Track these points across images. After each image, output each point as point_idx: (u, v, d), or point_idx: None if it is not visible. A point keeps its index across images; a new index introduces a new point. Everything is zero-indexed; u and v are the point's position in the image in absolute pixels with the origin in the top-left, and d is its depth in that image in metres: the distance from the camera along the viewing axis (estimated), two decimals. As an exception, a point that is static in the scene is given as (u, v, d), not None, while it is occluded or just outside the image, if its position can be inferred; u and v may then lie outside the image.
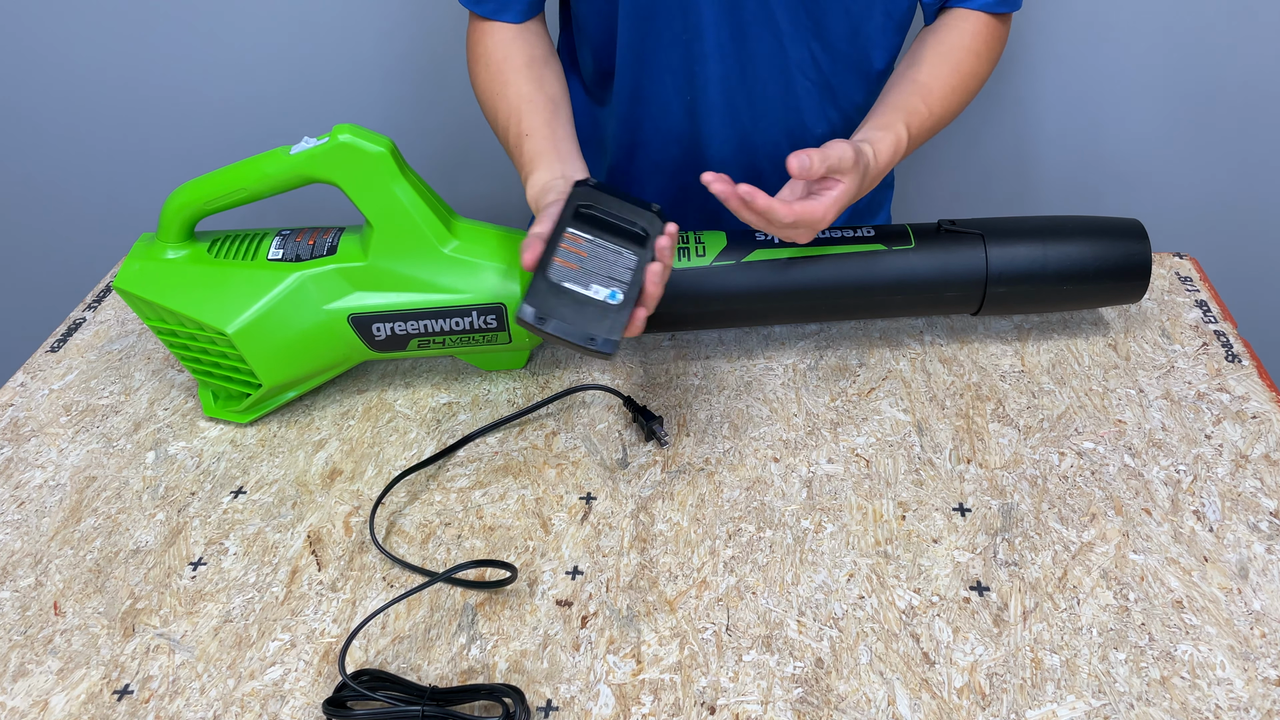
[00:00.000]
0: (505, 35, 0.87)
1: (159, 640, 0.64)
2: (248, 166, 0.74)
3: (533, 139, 0.80)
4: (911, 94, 0.81)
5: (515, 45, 0.87)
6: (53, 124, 1.33)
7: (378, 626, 0.64)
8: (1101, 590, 0.64)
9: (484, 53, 0.88)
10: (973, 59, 0.85)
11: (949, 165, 1.31)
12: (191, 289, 0.76)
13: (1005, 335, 0.86)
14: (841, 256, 0.79)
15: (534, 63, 0.86)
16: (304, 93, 1.28)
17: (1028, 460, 0.74)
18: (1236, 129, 1.23)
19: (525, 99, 0.83)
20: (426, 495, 0.74)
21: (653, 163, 0.96)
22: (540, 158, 0.79)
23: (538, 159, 0.79)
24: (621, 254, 0.67)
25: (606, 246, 0.67)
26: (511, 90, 0.84)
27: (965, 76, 0.84)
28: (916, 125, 0.80)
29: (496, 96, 0.85)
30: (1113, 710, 0.57)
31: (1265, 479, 0.71)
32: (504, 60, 0.86)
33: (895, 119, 0.79)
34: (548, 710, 0.59)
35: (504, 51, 0.87)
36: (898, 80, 0.84)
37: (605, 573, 0.67)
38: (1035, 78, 1.22)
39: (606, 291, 0.65)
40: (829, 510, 0.70)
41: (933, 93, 0.82)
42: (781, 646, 0.61)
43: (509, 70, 0.85)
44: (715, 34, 0.85)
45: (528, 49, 0.87)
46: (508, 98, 0.84)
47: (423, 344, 0.79)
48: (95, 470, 0.77)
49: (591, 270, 0.66)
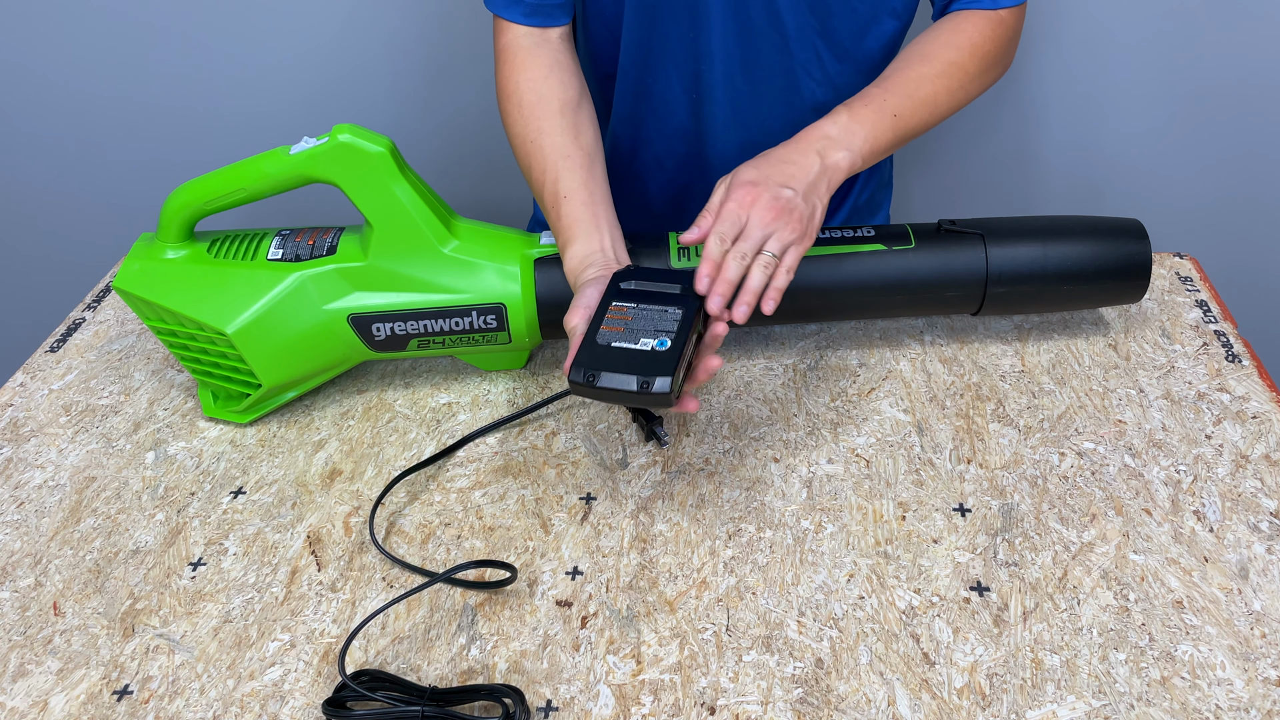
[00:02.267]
0: (539, 73, 0.84)
1: (159, 640, 0.64)
2: (248, 166, 0.74)
3: (570, 203, 0.78)
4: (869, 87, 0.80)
5: (549, 85, 0.83)
6: (52, 124, 1.33)
7: (377, 627, 0.64)
8: (1102, 590, 0.64)
9: (515, 89, 0.84)
10: (950, 50, 0.82)
11: (949, 165, 1.31)
12: (191, 289, 0.76)
13: (1005, 335, 0.86)
14: (841, 256, 0.79)
15: (568, 108, 0.83)
16: (304, 93, 1.28)
17: (1028, 460, 0.74)
18: (1236, 129, 1.23)
19: (562, 155, 0.80)
20: (426, 495, 0.74)
21: (656, 160, 0.96)
22: (578, 226, 0.76)
23: (575, 228, 0.76)
24: (666, 311, 0.66)
25: (650, 309, 0.67)
26: (546, 141, 0.81)
27: (939, 64, 0.81)
28: (861, 100, 0.78)
29: (530, 144, 0.82)
30: (1113, 710, 0.57)
31: (1265, 479, 0.71)
32: (537, 104, 0.83)
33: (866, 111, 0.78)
34: (548, 710, 0.59)
35: (537, 93, 0.83)
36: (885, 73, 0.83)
37: (605, 573, 0.67)
38: (1036, 77, 1.22)
39: (654, 341, 0.64)
40: (829, 510, 0.70)
41: (889, 76, 0.80)
42: (781, 647, 0.61)
43: (543, 117, 0.82)
44: (721, 32, 0.85)
45: (562, 91, 0.83)
46: (543, 149, 0.81)
47: (423, 344, 0.79)
48: (95, 470, 0.77)
49: (637, 329, 0.65)
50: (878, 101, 0.78)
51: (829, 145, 0.74)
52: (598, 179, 0.81)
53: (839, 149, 0.74)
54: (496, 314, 0.78)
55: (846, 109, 0.77)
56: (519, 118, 0.83)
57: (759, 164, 0.73)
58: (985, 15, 0.84)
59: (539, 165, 0.81)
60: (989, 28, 0.84)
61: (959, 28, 0.83)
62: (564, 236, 0.77)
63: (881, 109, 0.77)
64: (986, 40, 0.83)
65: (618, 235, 0.78)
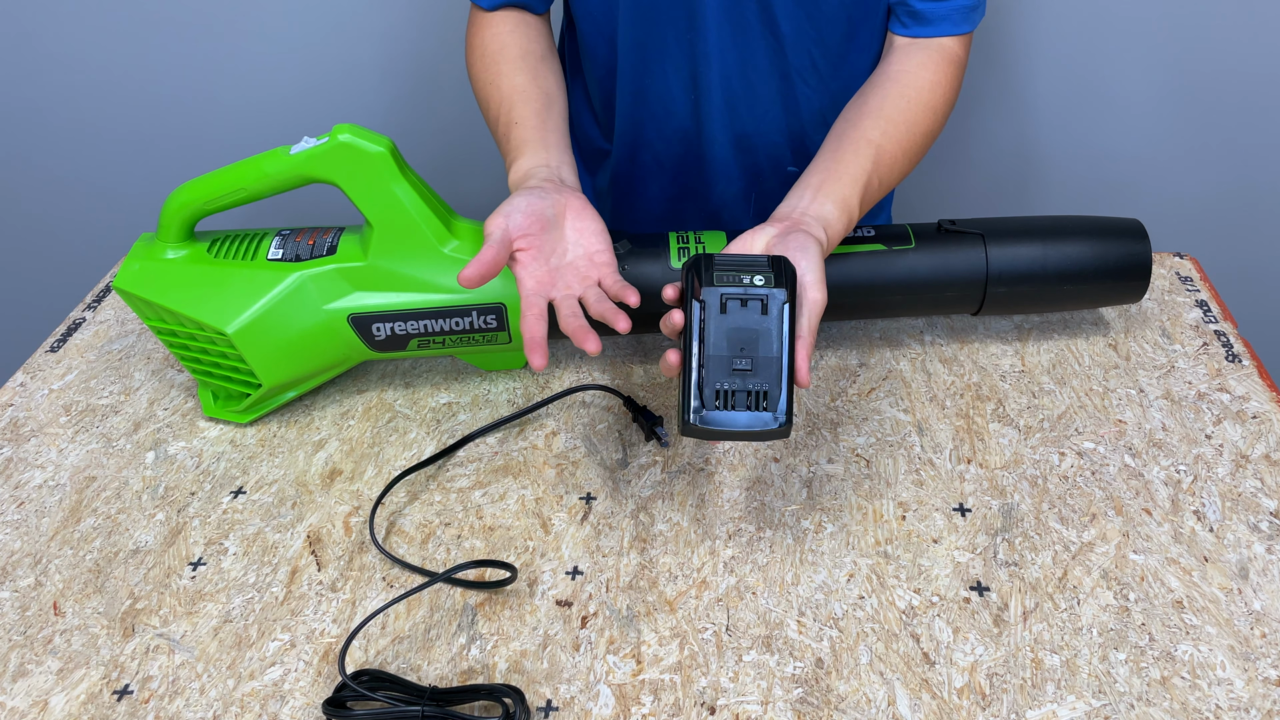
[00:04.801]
0: (504, 27, 0.87)
1: (159, 640, 0.64)
2: (248, 166, 0.74)
3: (521, 128, 0.79)
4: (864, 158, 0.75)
5: (513, 37, 0.86)
6: (53, 124, 1.33)
7: (378, 626, 0.64)
8: (1102, 590, 0.64)
9: (480, 43, 0.87)
10: (929, 117, 0.80)
11: (949, 165, 1.31)
12: (191, 289, 0.76)
13: (1005, 335, 0.86)
14: (841, 256, 0.79)
15: (529, 55, 0.85)
16: (304, 93, 1.28)
17: (1028, 460, 0.74)
18: (1236, 129, 1.23)
19: (519, 90, 0.82)
20: (426, 495, 0.74)
21: (655, 161, 0.96)
22: (526, 145, 0.78)
23: (524, 146, 0.78)
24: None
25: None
26: (505, 81, 0.83)
27: (919, 137, 0.79)
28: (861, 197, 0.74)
29: (489, 85, 0.84)
30: (1113, 710, 0.57)
31: (1265, 479, 0.71)
32: (499, 51, 0.85)
33: (851, 192, 0.73)
34: (548, 710, 0.59)
35: (500, 43, 0.86)
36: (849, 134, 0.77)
37: (605, 573, 0.67)
38: (1035, 78, 1.22)
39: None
40: (829, 510, 0.70)
41: (884, 152, 0.76)
42: (781, 647, 0.61)
43: (503, 61, 0.85)
44: (718, 35, 0.85)
45: (524, 42, 0.86)
46: (500, 87, 0.83)
47: (423, 344, 0.79)
48: (95, 470, 0.77)
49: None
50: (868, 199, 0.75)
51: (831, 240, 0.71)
52: (555, 114, 0.81)
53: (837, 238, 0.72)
54: (496, 314, 0.78)
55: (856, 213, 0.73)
56: (481, 67, 0.86)
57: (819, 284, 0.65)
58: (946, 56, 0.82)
59: (495, 101, 0.82)
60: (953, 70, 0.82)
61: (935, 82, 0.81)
62: (511, 156, 0.78)
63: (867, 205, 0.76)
64: (952, 89, 0.82)
65: (567, 161, 0.77)
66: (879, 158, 0.76)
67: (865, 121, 0.78)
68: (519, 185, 0.74)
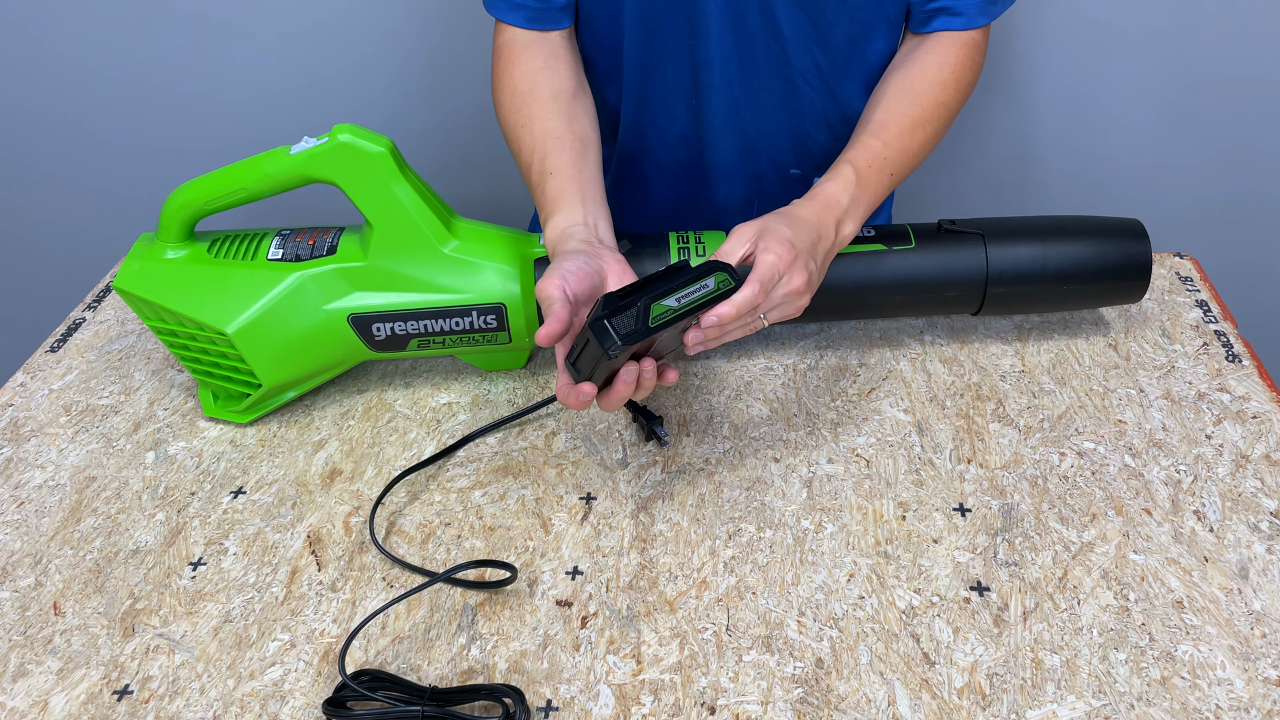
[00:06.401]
0: (534, 64, 0.83)
1: (159, 640, 0.64)
2: (248, 166, 0.74)
3: (556, 178, 0.76)
4: (864, 135, 0.78)
5: (544, 75, 0.83)
6: (52, 124, 1.33)
7: (378, 626, 0.64)
8: (1102, 590, 0.64)
9: (510, 81, 0.83)
10: (938, 90, 0.81)
11: (949, 165, 1.31)
12: (191, 289, 0.76)
13: (1005, 335, 0.86)
14: (842, 256, 0.79)
15: (562, 95, 0.82)
16: (304, 93, 1.28)
17: (1028, 460, 0.74)
18: (1236, 129, 1.23)
19: (552, 135, 0.79)
20: (426, 495, 0.74)
21: (657, 166, 0.96)
22: (563, 199, 0.75)
23: (560, 200, 0.75)
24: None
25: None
26: (538, 125, 0.80)
27: (929, 107, 0.81)
28: (866, 160, 0.76)
29: (521, 129, 0.81)
30: (1113, 710, 0.57)
31: (1265, 479, 0.71)
32: (530, 92, 0.82)
33: (841, 162, 0.76)
34: (548, 710, 0.59)
35: (531, 82, 0.82)
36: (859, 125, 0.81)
37: (605, 573, 0.67)
38: (1035, 77, 1.22)
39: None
40: (829, 510, 0.70)
41: (887, 127, 0.79)
42: (781, 647, 0.61)
43: (535, 103, 0.81)
44: (720, 41, 0.85)
45: (555, 80, 0.83)
46: (534, 131, 0.80)
47: (423, 344, 0.79)
48: (95, 470, 0.77)
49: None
50: (879, 162, 0.76)
51: (844, 217, 0.73)
52: (589, 163, 0.79)
53: (850, 220, 0.73)
54: (497, 314, 0.78)
55: (855, 173, 0.75)
56: (512, 106, 0.83)
57: (793, 226, 0.68)
58: (961, 41, 0.83)
59: (528, 146, 0.80)
60: (966, 54, 0.84)
61: (943, 61, 0.82)
62: (546, 210, 0.75)
63: (883, 170, 0.77)
64: (965, 69, 0.83)
65: (604, 215, 0.75)
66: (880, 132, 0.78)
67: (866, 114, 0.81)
68: (557, 244, 0.72)
